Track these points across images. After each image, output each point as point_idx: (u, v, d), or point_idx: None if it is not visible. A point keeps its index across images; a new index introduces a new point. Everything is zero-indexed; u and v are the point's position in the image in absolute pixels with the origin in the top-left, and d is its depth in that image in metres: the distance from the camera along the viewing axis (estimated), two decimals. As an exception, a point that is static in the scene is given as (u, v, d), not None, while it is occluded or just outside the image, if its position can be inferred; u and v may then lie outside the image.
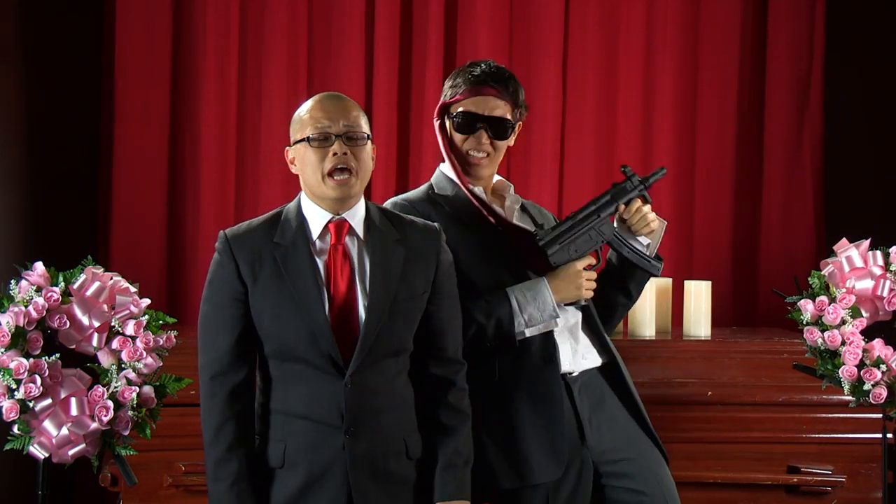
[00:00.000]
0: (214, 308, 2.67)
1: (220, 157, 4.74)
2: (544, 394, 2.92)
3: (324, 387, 2.61)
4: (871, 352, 3.65)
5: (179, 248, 4.73)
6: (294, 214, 2.70)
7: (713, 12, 5.05)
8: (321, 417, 2.61)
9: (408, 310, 2.68)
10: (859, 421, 3.90)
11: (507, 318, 2.91)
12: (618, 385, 3.07)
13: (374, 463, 2.62)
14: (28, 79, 4.52)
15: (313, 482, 2.61)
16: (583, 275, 2.96)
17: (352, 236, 2.68)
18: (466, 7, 4.89)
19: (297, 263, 2.64)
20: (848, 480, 3.91)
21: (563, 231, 2.98)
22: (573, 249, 2.97)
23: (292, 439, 2.63)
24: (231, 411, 2.63)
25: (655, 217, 3.06)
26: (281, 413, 2.65)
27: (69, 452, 3.27)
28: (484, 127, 3.03)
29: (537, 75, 4.92)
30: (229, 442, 2.62)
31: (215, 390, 2.64)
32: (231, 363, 2.65)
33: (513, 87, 3.08)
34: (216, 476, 2.63)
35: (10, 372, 3.20)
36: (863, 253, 3.73)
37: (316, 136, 2.64)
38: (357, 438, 2.61)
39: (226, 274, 2.66)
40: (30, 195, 4.51)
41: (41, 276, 3.31)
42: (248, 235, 2.68)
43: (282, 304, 2.62)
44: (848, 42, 5.06)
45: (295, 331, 2.61)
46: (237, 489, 2.61)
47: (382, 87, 4.83)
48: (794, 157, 5.05)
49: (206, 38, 4.72)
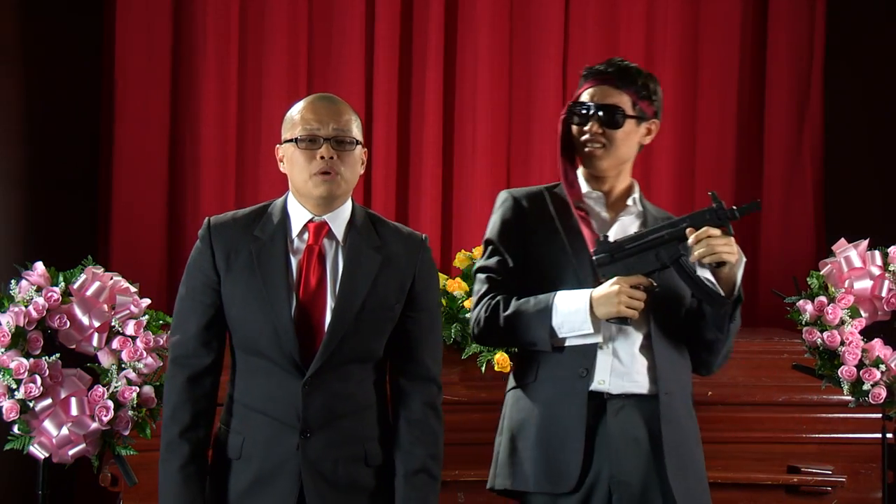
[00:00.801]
0: (188, 291, 2.67)
1: (220, 157, 4.73)
2: (563, 405, 2.83)
3: (283, 385, 2.60)
4: (871, 352, 3.66)
5: (179, 248, 4.73)
6: (278, 210, 2.69)
7: (713, 12, 5.06)
8: (278, 415, 2.60)
9: (377, 318, 2.64)
10: (859, 421, 3.91)
11: (545, 316, 2.83)
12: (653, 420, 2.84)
13: (328, 466, 2.60)
14: (28, 79, 4.52)
15: (265, 478, 2.60)
16: (625, 292, 2.77)
17: (330, 238, 2.66)
18: (466, 7, 4.89)
19: (270, 259, 2.63)
20: (848, 480, 3.92)
21: (621, 245, 2.81)
22: (624, 266, 2.80)
23: (250, 433, 2.62)
24: (188, 395, 2.63)
25: (730, 249, 2.76)
26: (242, 405, 2.65)
27: (69, 452, 3.28)
28: (595, 116, 2.90)
29: (537, 75, 4.92)
30: (183, 425, 2.63)
31: (176, 372, 2.65)
32: (195, 348, 2.64)
33: (636, 79, 2.93)
34: (166, 457, 2.65)
35: (10, 372, 3.21)
36: (861, 253, 3.74)
37: (304, 138, 2.63)
38: (312, 440, 2.59)
39: (202, 260, 2.66)
40: (30, 195, 4.51)
41: (41, 276, 3.31)
42: (230, 225, 2.68)
43: (249, 298, 2.61)
44: (848, 42, 5.06)
45: (259, 326, 2.60)
46: (184, 473, 2.62)
47: (382, 87, 4.83)
48: (794, 157, 5.06)
49: (206, 38, 4.71)
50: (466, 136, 4.89)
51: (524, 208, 2.96)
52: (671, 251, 2.79)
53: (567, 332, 2.82)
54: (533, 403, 2.87)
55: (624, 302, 2.76)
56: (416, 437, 2.66)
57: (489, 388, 3.90)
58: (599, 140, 2.91)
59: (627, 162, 2.98)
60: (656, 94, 2.96)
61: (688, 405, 2.91)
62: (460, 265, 4.22)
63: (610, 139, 2.91)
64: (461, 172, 4.90)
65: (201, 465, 2.65)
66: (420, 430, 2.67)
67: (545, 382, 2.86)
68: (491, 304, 2.88)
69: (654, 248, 2.79)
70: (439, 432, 2.70)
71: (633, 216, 2.97)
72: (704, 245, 2.74)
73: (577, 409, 2.81)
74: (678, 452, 2.83)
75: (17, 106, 4.49)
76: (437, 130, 4.86)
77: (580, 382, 2.82)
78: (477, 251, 4.20)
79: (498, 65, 4.90)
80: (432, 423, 2.69)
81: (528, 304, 2.85)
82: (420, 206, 4.82)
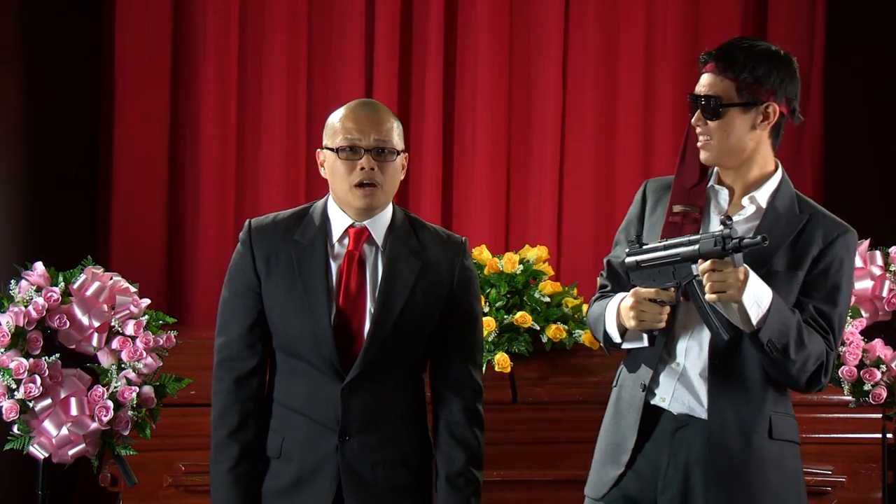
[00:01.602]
0: (231, 294, 2.69)
1: (220, 157, 4.73)
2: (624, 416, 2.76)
3: (323, 388, 2.62)
4: (872, 352, 3.65)
5: (179, 248, 4.73)
6: (319, 214, 2.70)
7: (713, 12, 5.05)
8: (318, 417, 2.62)
9: (416, 323, 2.65)
10: (859, 421, 3.90)
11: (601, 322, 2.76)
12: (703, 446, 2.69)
13: (366, 469, 2.62)
14: (28, 79, 4.52)
15: (304, 478, 2.62)
16: (643, 305, 2.63)
17: (370, 244, 2.67)
18: (466, 7, 4.89)
19: (310, 264, 2.64)
20: (848, 480, 3.91)
21: (649, 250, 2.68)
22: (647, 276, 2.67)
23: (290, 433, 2.65)
24: (235, 397, 2.65)
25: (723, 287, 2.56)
26: (282, 405, 2.66)
27: (69, 452, 3.28)
28: (696, 106, 2.74)
29: (537, 75, 4.92)
30: (231, 427, 2.65)
31: (222, 375, 2.67)
32: (240, 350, 2.66)
33: (738, 61, 2.69)
34: (216, 458, 2.67)
35: (10, 372, 3.21)
36: (862, 253, 3.74)
37: (345, 148, 2.63)
38: (351, 443, 2.61)
39: (243, 264, 2.68)
40: (30, 195, 4.51)
41: (41, 276, 3.31)
42: (270, 228, 2.69)
43: (289, 303, 2.63)
44: (848, 42, 5.06)
45: (299, 330, 2.62)
46: (234, 473, 2.64)
47: (382, 87, 4.83)
48: (794, 157, 5.05)
49: (206, 38, 4.71)
50: (466, 136, 4.89)
51: (646, 200, 2.85)
52: (685, 271, 2.64)
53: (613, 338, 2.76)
54: (609, 406, 2.84)
55: (637, 316, 2.64)
56: (457, 441, 2.69)
57: (489, 388, 3.87)
58: (704, 132, 2.74)
59: (744, 152, 2.73)
60: (769, 74, 2.70)
61: (748, 438, 2.67)
62: (460, 265, 4.21)
63: (712, 131, 2.72)
64: (461, 172, 4.90)
65: (252, 466, 2.66)
66: (461, 433, 2.69)
67: (621, 388, 2.81)
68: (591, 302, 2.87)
69: (673, 265, 2.64)
70: (480, 436, 2.72)
71: (746, 217, 2.74)
72: (707, 280, 2.57)
73: (632, 422, 2.74)
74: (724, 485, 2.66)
75: (17, 106, 4.49)
76: (437, 130, 4.86)
77: (639, 397, 2.73)
78: (477, 251, 4.20)
79: (498, 65, 4.90)
80: (473, 428, 2.71)
81: (600, 306, 2.79)
82: (420, 206, 4.82)
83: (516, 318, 3.93)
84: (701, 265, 2.58)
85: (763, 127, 2.73)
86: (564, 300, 4.04)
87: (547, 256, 4.18)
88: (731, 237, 2.54)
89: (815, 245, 2.71)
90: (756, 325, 2.59)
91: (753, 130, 2.73)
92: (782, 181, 2.79)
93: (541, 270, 4.12)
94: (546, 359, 3.95)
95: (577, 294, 4.12)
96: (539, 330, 3.95)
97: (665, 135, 4.97)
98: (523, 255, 4.12)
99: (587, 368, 3.93)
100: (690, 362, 2.71)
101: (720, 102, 2.70)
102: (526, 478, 3.83)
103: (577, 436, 3.81)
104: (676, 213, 2.76)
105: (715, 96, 2.70)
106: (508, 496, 3.81)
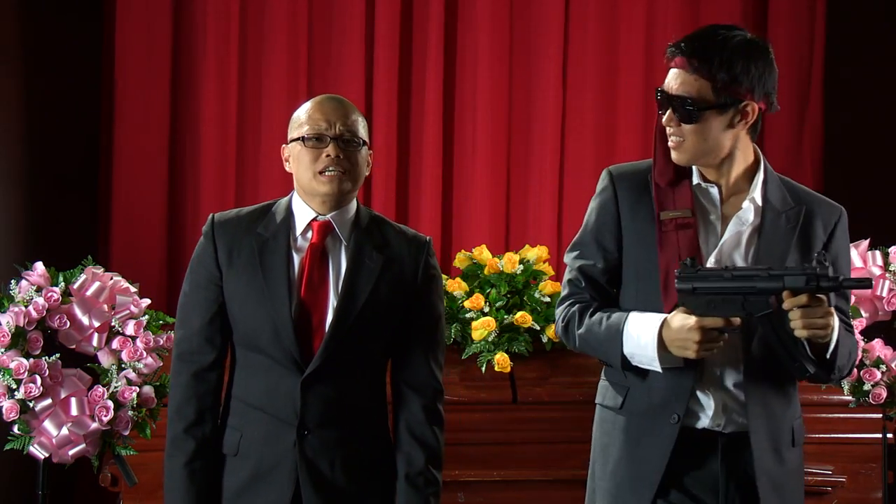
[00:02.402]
0: (192, 288, 2.68)
1: (220, 157, 4.74)
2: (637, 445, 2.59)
3: (282, 382, 2.60)
4: (871, 352, 3.66)
5: (179, 248, 4.73)
6: (283, 209, 2.70)
7: (713, 12, 5.05)
8: (277, 412, 2.60)
9: (378, 318, 2.64)
10: (859, 421, 3.90)
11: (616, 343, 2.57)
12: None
13: (325, 465, 2.60)
14: (28, 79, 4.52)
15: (262, 475, 2.61)
16: (699, 335, 2.46)
17: (334, 238, 2.66)
18: (466, 7, 4.89)
19: (272, 256, 2.63)
20: (848, 480, 3.91)
21: (706, 278, 2.49)
22: (707, 304, 2.49)
23: (248, 429, 2.63)
24: (193, 392, 2.63)
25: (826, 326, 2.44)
26: (241, 401, 2.65)
27: (69, 452, 3.28)
28: (667, 105, 2.56)
29: (537, 75, 4.92)
30: (189, 421, 2.63)
31: (181, 369, 2.65)
32: (199, 344, 2.65)
33: (714, 59, 2.51)
34: (171, 453, 2.65)
35: (10, 372, 3.21)
36: (862, 253, 3.74)
37: (311, 136, 2.63)
38: (310, 439, 2.59)
39: (205, 256, 2.68)
40: (30, 195, 4.51)
41: (41, 276, 3.31)
42: (234, 222, 2.69)
43: (250, 294, 2.62)
44: (848, 42, 5.06)
45: (259, 322, 2.61)
46: (190, 468, 2.62)
47: (382, 87, 4.83)
48: (794, 157, 5.05)
49: (206, 38, 4.72)
50: (466, 136, 4.89)
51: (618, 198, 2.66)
52: (761, 305, 2.47)
53: (639, 363, 2.57)
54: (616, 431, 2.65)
55: (692, 347, 2.47)
56: (417, 440, 2.66)
57: (489, 388, 3.90)
58: (677, 133, 2.57)
59: (722, 151, 2.59)
60: (747, 71, 2.53)
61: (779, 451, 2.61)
62: (460, 265, 4.22)
63: (686, 133, 2.56)
64: (461, 172, 4.90)
65: (207, 461, 2.65)
66: (421, 432, 2.66)
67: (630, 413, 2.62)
68: (567, 314, 2.66)
69: (742, 294, 2.47)
70: (440, 435, 2.69)
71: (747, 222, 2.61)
72: (799, 318, 2.42)
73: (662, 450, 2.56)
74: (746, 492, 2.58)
75: (17, 106, 4.49)
76: (437, 130, 4.86)
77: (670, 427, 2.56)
78: (477, 251, 4.20)
79: (498, 65, 4.90)
80: (433, 426, 2.67)
81: (601, 325, 2.60)
82: (420, 206, 4.83)
83: (516, 318, 3.93)
84: (789, 300, 2.43)
85: (741, 126, 2.58)
86: (564, 300, 4.03)
87: (547, 256, 4.18)
88: (825, 276, 2.40)
89: (818, 239, 2.64)
90: (829, 356, 2.50)
91: (730, 129, 2.57)
92: (766, 171, 2.66)
93: (541, 270, 4.12)
94: (546, 359, 3.96)
95: (577, 294, 4.12)
96: (539, 330, 3.95)
97: (665, 135, 4.97)
98: (523, 255, 4.13)
99: (587, 368, 3.93)
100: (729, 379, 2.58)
101: (696, 105, 2.53)
102: (526, 478, 3.83)
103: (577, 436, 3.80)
104: (669, 219, 2.60)
105: (689, 97, 2.53)
106: (508, 496, 3.81)
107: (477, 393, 3.90)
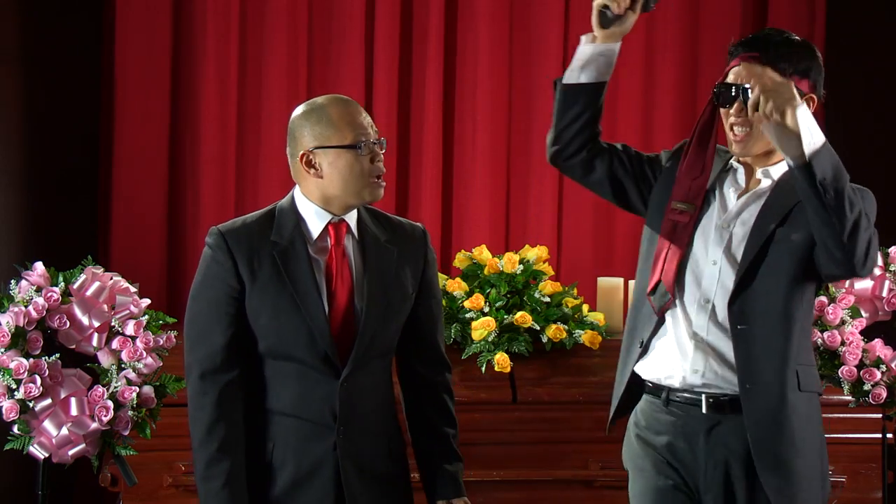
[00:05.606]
0: (208, 305, 2.64)
1: (220, 157, 4.74)
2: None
3: (317, 386, 2.61)
4: (871, 352, 3.66)
5: (179, 248, 4.73)
6: (290, 213, 2.69)
7: (713, 12, 5.05)
8: (312, 416, 2.61)
9: (400, 311, 2.69)
10: (859, 421, 3.90)
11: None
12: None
13: (363, 462, 2.63)
14: (28, 79, 4.52)
15: (302, 480, 2.61)
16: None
17: (349, 237, 2.69)
18: (466, 7, 4.89)
19: (296, 263, 2.63)
20: (848, 480, 3.91)
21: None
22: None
23: (281, 438, 2.63)
24: (223, 410, 2.60)
25: (775, 84, 2.61)
26: (270, 411, 2.64)
27: (69, 452, 3.28)
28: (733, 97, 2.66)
29: (537, 75, 4.91)
30: (221, 441, 2.59)
31: (206, 388, 2.61)
32: (224, 361, 2.61)
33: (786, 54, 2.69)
34: (207, 475, 2.59)
35: (10, 372, 3.21)
36: (863, 253, 3.73)
37: (368, 143, 2.64)
38: (348, 438, 2.61)
39: (222, 271, 2.63)
40: (30, 195, 4.51)
41: (41, 276, 3.31)
42: (245, 232, 2.66)
43: (281, 304, 2.61)
44: (848, 42, 5.06)
45: (294, 330, 2.61)
46: (229, 489, 2.58)
47: (382, 87, 4.83)
48: (795, 157, 5.05)
49: (206, 38, 4.72)
50: (466, 136, 4.89)
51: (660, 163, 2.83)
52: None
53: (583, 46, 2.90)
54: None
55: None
56: (443, 418, 2.75)
57: (489, 388, 3.90)
58: (745, 124, 2.67)
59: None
60: (811, 69, 2.74)
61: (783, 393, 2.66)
62: (460, 265, 4.22)
63: (753, 123, 2.65)
64: (461, 172, 4.90)
65: (244, 481, 2.61)
66: (446, 410, 2.76)
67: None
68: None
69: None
70: (452, 405, 2.79)
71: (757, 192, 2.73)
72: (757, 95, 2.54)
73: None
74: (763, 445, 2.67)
75: (17, 106, 4.49)
76: (437, 130, 4.86)
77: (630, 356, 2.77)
78: (477, 251, 4.20)
79: (498, 64, 4.90)
80: (450, 405, 2.78)
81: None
82: (420, 206, 4.83)
83: (516, 318, 3.93)
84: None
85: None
86: (564, 300, 4.04)
87: (547, 256, 4.18)
88: None
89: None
90: (808, 154, 2.52)
91: None
92: None
93: (541, 270, 4.12)
94: (546, 359, 3.95)
95: (577, 294, 4.12)
96: (539, 330, 3.95)
97: (665, 135, 4.97)
98: (523, 255, 4.12)
99: (587, 368, 3.93)
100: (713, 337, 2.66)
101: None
102: (526, 478, 3.83)
103: (577, 436, 3.82)
104: (675, 209, 2.72)
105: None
106: (508, 496, 3.82)
107: (477, 393, 3.90)
